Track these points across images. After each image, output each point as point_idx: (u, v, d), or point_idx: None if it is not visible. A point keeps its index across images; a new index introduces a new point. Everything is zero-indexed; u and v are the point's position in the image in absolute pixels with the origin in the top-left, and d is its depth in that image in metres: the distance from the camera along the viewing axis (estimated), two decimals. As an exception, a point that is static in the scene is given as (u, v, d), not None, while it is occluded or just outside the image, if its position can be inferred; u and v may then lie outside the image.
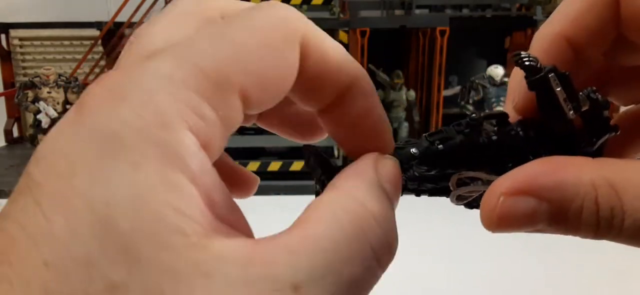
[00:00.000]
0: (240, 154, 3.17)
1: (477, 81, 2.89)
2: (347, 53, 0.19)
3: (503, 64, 2.93)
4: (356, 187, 0.17)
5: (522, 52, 0.19)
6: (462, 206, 0.21)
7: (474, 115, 0.20)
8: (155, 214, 0.14)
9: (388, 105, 2.97)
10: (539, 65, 0.19)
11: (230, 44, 0.16)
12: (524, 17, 3.24)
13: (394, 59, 3.45)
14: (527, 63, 0.19)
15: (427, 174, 0.20)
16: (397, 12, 3.39)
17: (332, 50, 0.18)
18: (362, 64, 2.14)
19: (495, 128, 0.20)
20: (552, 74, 0.19)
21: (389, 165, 0.18)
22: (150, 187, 0.14)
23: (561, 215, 0.17)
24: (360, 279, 0.15)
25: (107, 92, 0.15)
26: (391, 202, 0.17)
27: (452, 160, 0.20)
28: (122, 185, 0.14)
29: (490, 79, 2.82)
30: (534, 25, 3.12)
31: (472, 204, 0.21)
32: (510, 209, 0.18)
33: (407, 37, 3.41)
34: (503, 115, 0.21)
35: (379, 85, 2.98)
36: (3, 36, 3.70)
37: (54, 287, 0.13)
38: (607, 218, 0.17)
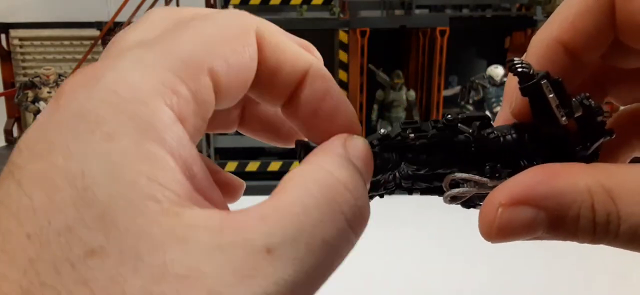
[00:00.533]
0: (240, 154, 3.17)
1: (477, 81, 2.89)
2: (298, 46, 0.20)
3: (503, 64, 2.93)
4: (325, 160, 0.17)
5: (515, 59, 0.19)
6: (459, 205, 0.21)
7: (449, 115, 0.21)
8: (129, 181, 0.14)
9: (388, 105, 2.97)
10: (531, 72, 0.19)
11: (195, 33, 0.17)
12: (524, 17, 3.24)
13: (394, 59, 3.45)
14: (519, 70, 0.19)
15: (418, 173, 0.21)
16: (397, 12, 3.39)
17: (284, 42, 0.19)
18: (362, 64, 2.12)
19: (472, 130, 0.21)
20: (545, 81, 0.19)
21: (357, 143, 0.19)
22: (125, 156, 0.14)
23: (559, 222, 0.18)
24: (333, 241, 0.15)
25: (83, 78, 0.16)
26: (361, 175, 0.18)
27: (430, 156, 0.20)
28: (97, 156, 0.14)
29: (490, 79, 2.83)
30: (534, 25, 3.12)
31: (468, 203, 0.21)
32: (509, 220, 0.18)
33: (407, 37, 3.41)
34: (484, 118, 0.21)
35: (379, 85, 2.98)
36: (3, 36, 3.70)
37: (36, 256, 0.13)
38: (604, 223, 0.17)
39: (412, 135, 0.20)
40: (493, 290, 1.67)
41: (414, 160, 0.21)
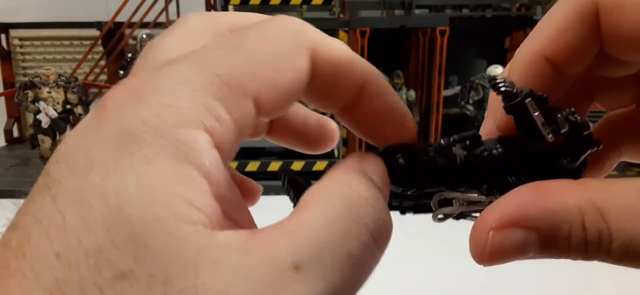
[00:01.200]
0: (240, 154, 3.17)
1: (477, 81, 2.89)
2: (356, 54, 0.20)
3: (503, 64, 2.93)
4: (344, 176, 0.17)
5: (498, 77, 0.19)
6: (451, 219, 0.21)
7: (442, 141, 0.20)
8: (164, 203, 0.14)
9: (388, 105, 2.98)
10: (515, 90, 0.19)
11: (244, 52, 0.17)
12: (523, 17, 3.24)
13: (394, 59, 3.45)
14: (503, 89, 0.19)
15: (405, 194, 0.21)
16: (397, 12, 3.39)
17: (342, 54, 0.19)
18: (362, 64, 2.13)
19: (466, 151, 0.20)
20: (530, 99, 0.19)
21: (372, 160, 0.19)
22: (161, 178, 0.14)
23: (551, 242, 0.18)
24: (358, 256, 0.16)
25: (126, 94, 0.16)
26: (380, 190, 0.18)
27: (421, 178, 0.20)
28: (134, 177, 0.14)
29: (490, 79, 2.83)
30: (533, 25, 3.10)
31: (459, 216, 0.21)
32: (500, 243, 0.18)
33: (407, 37, 3.41)
34: (476, 137, 0.21)
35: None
36: (3, 36, 3.70)
37: (63, 277, 0.13)
38: (595, 241, 0.17)
39: (401, 161, 0.20)
40: (492, 291, 1.67)
41: (400, 181, 0.20)
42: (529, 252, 0.18)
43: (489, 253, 0.18)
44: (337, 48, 0.19)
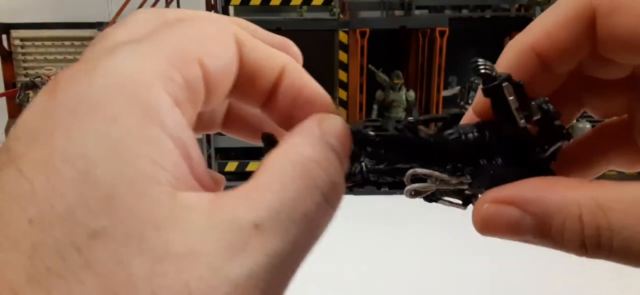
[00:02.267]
0: (241, 154, 3.18)
1: (476, 81, 2.90)
2: (276, 44, 0.21)
3: (502, 64, 2.94)
4: (298, 140, 0.18)
5: (479, 60, 0.20)
6: (421, 199, 0.22)
7: (410, 118, 0.21)
8: (132, 164, 0.15)
9: (388, 106, 2.98)
10: (494, 74, 0.20)
11: (185, 32, 0.18)
12: (523, 18, 3.25)
13: (394, 60, 3.46)
14: (482, 71, 0.20)
15: (378, 168, 0.21)
16: (397, 12, 3.40)
17: (260, 45, 0.20)
18: (362, 64, 2.12)
19: (433, 131, 0.22)
20: (506, 83, 0.20)
21: (332, 121, 0.20)
22: (128, 138, 0.15)
23: (544, 229, 0.18)
24: (312, 215, 0.17)
25: (77, 69, 0.16)
26: (335, 152, 0.19)
27: (388, 152, 0.21)
28: (99, 138, 0.15)
29: (490, 79, 2.84)
30: (533, 26, 3.13)
31: (431, 198, 0.22)
32: (494, 216, 0.19)
33: (407, 37, 3.42)
34: (454, 117, 0.22)
35: (378, 85, 2.99)
36: (4, 37, 3.70)
37: (39, 241, 0.14)
38: (594, 237, 0.17)
39: (372, 132, 0.21)
40: (493, 290, 1.68)
41: (372, 155, 0.21)
42: (524, 234, 0.19)
43: (481, 221, 0.20)
44: (254, 40, 0.20)
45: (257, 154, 3.09)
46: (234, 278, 0.15)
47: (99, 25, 3.54)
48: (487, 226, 0.20)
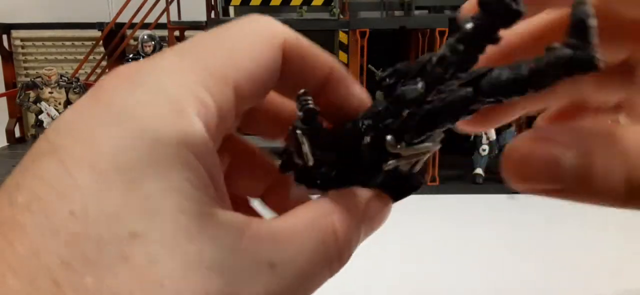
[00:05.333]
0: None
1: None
2: (321, 49, 0.23)
3: (502, 64, 2.94)
4: (336, 210, 0.20)
5: (307, 93, 0.21)
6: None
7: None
8: (173, 183, 0.16)
9: (387, 106, 2.98)
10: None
11: (224, 45, 0.19)
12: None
13: (394, 60, 3.44)
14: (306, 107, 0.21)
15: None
16: (397, 13, 3.40)
17: (310, 46, 0.22)
18: (361, 64, 2.12)
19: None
20: (299, 131, 0.21)
21: (378, 206, 0.22)
22: (169, 160, 0.16)
23: (586, 169, 0.16)
24: (313, 274, 0.19)
25: (120, 79, 0.18)
26: (359, 232, 0.21)
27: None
28: (148, 156, 0.16)
29: (489, 79, 2.83)
30: (532, 26, 3.13)
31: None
32: (529, 155, 0.16)
33: (407, 37, 3.42)
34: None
35: (378, 85, 3.00)
36: (5, 37, 3.71)
37: (81, 232, 0.15)
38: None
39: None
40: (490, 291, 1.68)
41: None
42: (563, 177, 0.16)
43: (514, 163, 0.17)
44: (304, 40, 0.21)
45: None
46: None
47: (99, 25, 3.54)
48: (521, 168, 0.17)
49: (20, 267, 0.14)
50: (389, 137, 0.18)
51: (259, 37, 0.20)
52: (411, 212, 2.02)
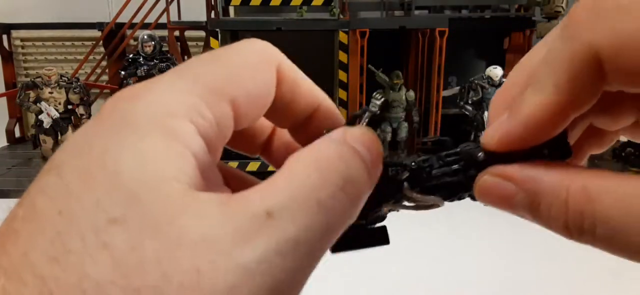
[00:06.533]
0: (241, 154, 3.17)
1: (476, 82, 2.90)
2: (312, 82, 0.23)
3: (502, 64, 2.94)
4: (319, 142, 0.19)
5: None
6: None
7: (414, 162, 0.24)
8: (156, 166, 0.16)
9: (387, 106, 2.99)
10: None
11: (222, 64, 0.20)
12: (522, 18, 3.25)
13: (394, 60, 3.46)
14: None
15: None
16: (397, 13, 3.40)
17: (302, 78, 0.23)
18: (361, 64, 2.12)
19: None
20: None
21: (356, 130, 0.21)
22: (155, 150, 0.17)
23: (534, 207, 0.20)
24: (327, 203, 0.17)
25: (123, 96, 0.19)
26: (358, 152, 0.19)
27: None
28: (131, 149, 0.17)
29: (490, 79, 2.84)
30: (532, 25, 3.14)
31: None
32: (492, 186, 0.21)
33: (407, 37, 3.42)
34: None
35: (378, 85, 3.00)
36: (5, 37, 3.71)
37: (64, 229, 0.15)
38: (577, 220, 0.19)
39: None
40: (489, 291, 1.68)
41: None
42: (517, 208, 0.20)
43: (479, 189, 0.22)
44: (299, 72, 0.22)
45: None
46: (244, 263, 0.15)
47: (99, 25, 3.54)
48: (484, 194, 0.21)
49: (11, 268, 0.15)
50: (405, 184, 0.23)
51: (256, 57, 0.21)
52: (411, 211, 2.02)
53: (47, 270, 0.15)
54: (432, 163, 0.23)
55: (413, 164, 0.23)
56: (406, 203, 0.24)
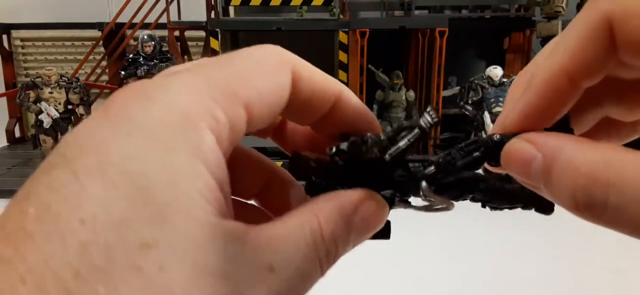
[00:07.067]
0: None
1: (476, 82, 2.90)
2: (329, 76, 0.24)
3: (502, 64, 2.94)
4: (326, 210, 0.21)
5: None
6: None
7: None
8: (186, 186, 0.17)
9: (387, 106, 2.99)
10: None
11: (235, 67, 0.20)
12: (522, 18, 3.25)
13: (394, 60, 3.46)
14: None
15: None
16: (397, 13, 3.40)
17: (319, 75, 0.23)
18: (361, 64, 2.12)
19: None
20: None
21: (370, 206, 0.23)
22: (182, 170, 0.17)
23: (547, 172, 0.20)
24: (307, 273, 0.21)
25: (133, 94, 0.18)
26: (349, 233, 0.22)
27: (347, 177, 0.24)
28: (159, 165, 0.17)
29: (490, 79, 2.84)
30: (532, 25, 3.14)
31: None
32: (516, 149, 0.21)
33: (407, 37, 3.42)
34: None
35: (378, 85, 3.00)
36: (5, 37, 3.71)
37: (89, 241, 0.15)
38: (589, 189, 0.18)
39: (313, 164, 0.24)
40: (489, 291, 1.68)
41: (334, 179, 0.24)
42: (533, 173, 0.20)
43: (505, 153, 0.22)
44: (315, 70, 0.23)
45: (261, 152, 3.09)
46: None
47: (99, 26, 3.54)
48: (508, 158, 0.21)
49: (30, 277, 0.14)
50: (423, 183, 0.24)
51: (269, 61, 0.21)
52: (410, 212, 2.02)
53: (73, 285, 0.14)
54: (455, 155, 0.24)
55: (440, 159, 0.24)
56: (416, 204, 0.25)
